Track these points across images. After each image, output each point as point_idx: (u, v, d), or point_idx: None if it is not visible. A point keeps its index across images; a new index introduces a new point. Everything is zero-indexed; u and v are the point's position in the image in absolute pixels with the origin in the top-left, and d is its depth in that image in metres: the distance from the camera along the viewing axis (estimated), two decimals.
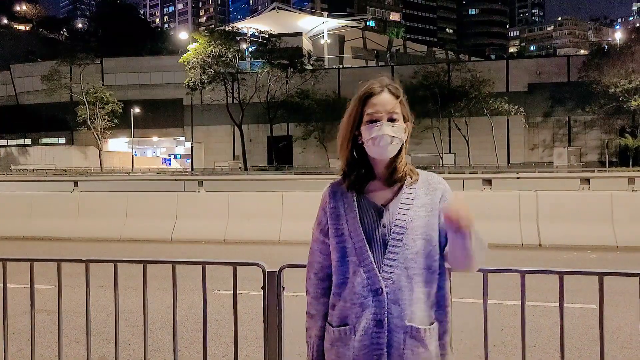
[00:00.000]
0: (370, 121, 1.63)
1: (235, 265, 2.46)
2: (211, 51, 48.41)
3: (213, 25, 77.89)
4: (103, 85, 55.41)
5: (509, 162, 49.14)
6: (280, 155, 52.42)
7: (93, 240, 10.30)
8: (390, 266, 1.58)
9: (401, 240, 1.58)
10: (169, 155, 69.97)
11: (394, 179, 1.64)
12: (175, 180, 16.18)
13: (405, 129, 1.65)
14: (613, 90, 42.44)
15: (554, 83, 49.65)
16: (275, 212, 10.08)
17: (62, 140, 61.88)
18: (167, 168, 61.39)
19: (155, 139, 64.04)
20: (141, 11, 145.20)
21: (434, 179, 1.68)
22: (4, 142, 63.40)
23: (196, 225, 10.24)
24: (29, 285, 2.92)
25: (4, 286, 2.88)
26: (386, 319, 1.56)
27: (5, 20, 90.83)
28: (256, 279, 2.78)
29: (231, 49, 49.34)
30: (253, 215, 10.17)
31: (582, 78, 45.04)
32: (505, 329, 4.65)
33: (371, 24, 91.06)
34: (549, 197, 9.17)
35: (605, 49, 48.75)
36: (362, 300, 1.59)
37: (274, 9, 73.71)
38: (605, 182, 11.25)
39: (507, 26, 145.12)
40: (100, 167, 52.39)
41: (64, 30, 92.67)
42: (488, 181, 9.70)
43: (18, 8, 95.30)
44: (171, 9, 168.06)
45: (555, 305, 5.32)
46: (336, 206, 1.67)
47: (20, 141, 63.40)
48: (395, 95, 1.65)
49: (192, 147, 57.09)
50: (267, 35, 58.04)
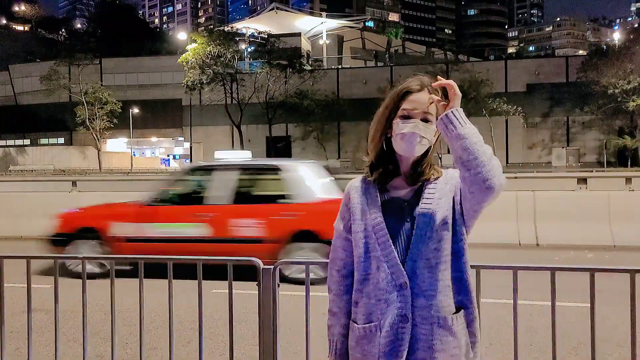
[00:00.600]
0: (404, 116, 1.63)
1: (230, 262, 2.48)
2: (210, 51, 48.43)
3: (212, 26, 77.87)
4: (102, 85, 55.40)
5: (507, 163, 49.20)
6: (279, 156, 52.45)
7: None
8: (414, 260, 1.58)
9: (425, 234, 1.59)
10: (168, 155, 69.91)
11: (418, 180, 1.65)
12: None
13: (436, 133, 1.65)
14: (612, 90, 42.51)
15: (553, 83, 49.75)
16: None
17: (61, 140, 61.87)
18: (166, 168, 61.37)
19: (154, 139, 64.05)
20: (140, 11, 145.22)
21: (450, 171, 1.70)
22: (2, 143, 63.35)
23: None
24: (26, 283, 2.93)
25: (1, 284, 2.89)
26: (411, 313, 1.57)
27: (4, 21, 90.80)
28: (254, 278, 2.80)
29: (230, 50, 49.37)
30: None
31: (581, 78, 45.12)
32: (502, 328, 4.67)
33: (370, 24, 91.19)
34: (546, 197, 9.20)
35: (604, 50, 48.86)
36: (387, 296, 1.59)
37: (272, 9, 73.82)
38: (603, 182, 11.28)
39: (506, 27, 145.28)
40: (99, 168, 52.36)
41: (63, 30, 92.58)
42: None
43: (17, 8, 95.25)
44: (170, 9, 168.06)
45: (549, 304, 5.34)
46: (360, 202, 1.68)
47: (19, 141, 63.37)
48: (433, 93, 1.66)
49: (191, 148, 57.08)
50: (266, 36, 58.13)
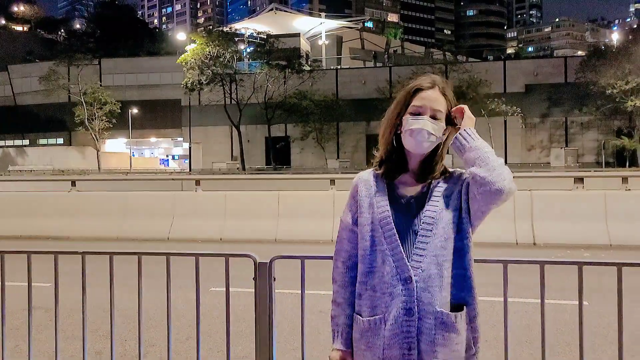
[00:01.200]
0: (414, 113, 1.67)
1: (227, 256, 2.52)
2: (209, 52, 48.44)
3: (211, 26, 77.84)
4: (101, 85, 55.39)
5: (506, 163, 48.66)
6: (278, 156, 52.49)
7: (90, 239, 10.33)
8: (420, 255, 1.61)
9: (431, 230, 1.62)
10: (167, 156, 69.99)
11: (426, 178, 1.68)
12: (173, 180, 16.24)
13: (448, 130, 1.70)
14: (610, 91, 42.56)
15: (551, 84, 49.77)
16: (271, 212, 10.14)
17: (60, 140, 61.85)
18: (165, 169, 61.40)
19: (153, 139, 64.06)
20: (139, 12, 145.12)
21: (458, 170, 1.74)
22: (1, 143, 63.35)
23: (193, 225, 10.29)
24: (27, 281, 2.97)
25: (2, 280, 2.92)
26: (416, 307, 1.59)
27: (2, 21, 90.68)
28: (253, 276, 2.84)
29: (229, 50, 49.37)
30: (250, 215, 10.22)
31: (579, 79, 45.15)
32: (497, 325, 4.71)
33: (369, 25, 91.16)
34: (543, 196, 9.24)
35: (603, 50, 48.92)
36: (392, 290, 1.61)
37: (272, 9, 73.81)
38: (600, 182, 11.33)
39: (505, 27, 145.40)
40: (98, 168, 52.35)
41: (62, 30, 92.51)
42: None
43: (16, 9, 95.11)
44: (169, 9, 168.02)
45: (549, 302, 5.38)
46: (367, 195, 1.70)
47: (18, 142, 63.38)
48: (442, 92, 1.71)
49: (190, 148, 57.08)
50: (265, 36, 58.00)
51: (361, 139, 51.19)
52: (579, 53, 77.38)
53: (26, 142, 63.05)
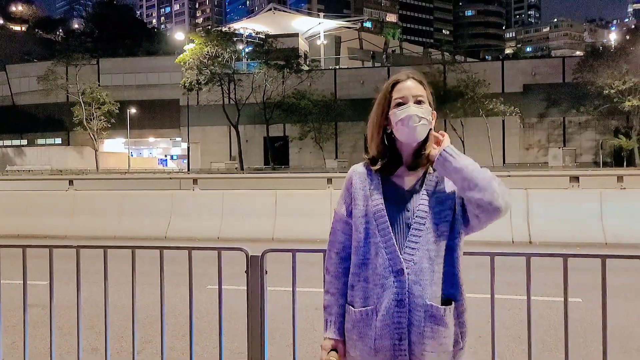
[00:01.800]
0: (398, 104, 1.71)
1: (220, 250, 2.55)
2: (208, 52, 48.46)
3: (210, 26, 77.87)
4: (99, 85, 55.36)
5: (504, 163, 49.32)
6: (276, 156, 52.50)
7: (88, 238, 10.34)
8: (413, 248, 1.64)
9: (424, 224, 1.64)
10: (165, 155, 69.97)
11: (417, 163, 1.71)
12: (171, 179, 16.24)
13: (433, 115, 1.73)
14: (607, 91, 42.67)
15: (549, 84, 49.87)
16: (269, 211, 10.17)
17: (58, 140, 61.77)
18: (164, 169, 61.37)
19: (151, 139, 64.01)
20: (138, 12, 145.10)
21: None
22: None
23: (191, 223, 10.32)
24: (22, 277, 2.99)
25: None
26: (407, 299, 1.62)
27: (0, 21, 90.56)
28: (245, 270, 2.87)
29: (228, 50, 49.40)
30: (247, 214, 10.25)
31: (577, 79, 45.26)
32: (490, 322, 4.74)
33: (368, 25, 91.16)
34: (539, 195, 9.29)
35: (600, 51, 49.02)
36: (384, 281, 1.64)
37: (270, 9, 73.80)
38: (595, 180, 11.38)
39: (503, 27, 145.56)
40: (97, 168, 52.33)
41: (60, 30, 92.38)
42: None
43: (14, 8, 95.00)
44: (168, 9, 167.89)
45: (543, 299, 5.42)
46: (362, 187, 1.72)
47: (16, 142, 63.27)
48: (420, 82, 1.75)
49: (189, 148, 57.06)
50: (264, 36, 58.07)
51: (359, 138, 51.23)
52: (577, 53, 77.51)
53: (24, 142, 62.98)
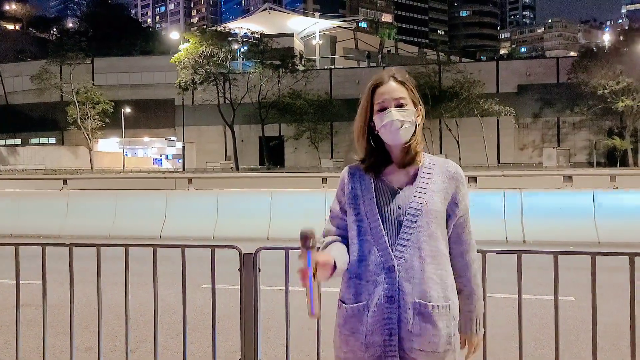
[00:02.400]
0: (380, 109, 1.71)
1: (213, 247, 2.56)
2: (203, 51, 48.35)
3: (205, 26, 77.71)
4: (94, 85, 55.11)
5: (499, 163, 49.50)
6: (272, 156, 52.45)
7: (82, 237, 10.31)
8: (404, 246, 1.65)
9: (415, 222, 1.66)
10: (160, 155, 69.74)
11: (406, 161, 1.72)
12: (165, 178, 16.22)
13: (418, 113, 1.74)
14: (601, 91, 42.89)
15: (544, 84, 50.09)
16: (264, 210, 10.17)
17: (52, 140, 61.44)
18: (159, 168, 61.20)
19: (146, 139, 63.78)
20: (132, 11, 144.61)
21: (451, 167, 1.76)
22: None
23: (185, 223, 10.31)
24: (15, 277, 2.99)
25: None
26: (397, 295, 1.63)
27: None
28: (238, 267, 2.88)
29: (223, 49, 49.30)
30: (242, 213, 10.26)
31: (571, 79, 45.48)
32: (487, 320, 4.77)
33: (363, 25, 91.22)
34: (532, 195, 9.34)
35: (594, 51, 49.27)
36: (375, 278, 1.66)
37: (265, 9, 73.72)
38: (588, 180, 11.45)
39: (498, 28, 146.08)
40: (91, 167, 52.12)
41: (54, 29, 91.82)
42: (474, 179, 9.86)
43: (7, 7, 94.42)
44: (163, 9, 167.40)
45: (536, 297, 5.46)
46: (354, 187, 1.74)
47: (9, 141, 62.87)
48: (401, 82, 1.74)
49: (184, 148, 56.94)
50: (259, 36, 58.05)
51: (354, 139, 51.27)
52: (571, 54, 77.84)
53: (18, 142, 62.59)
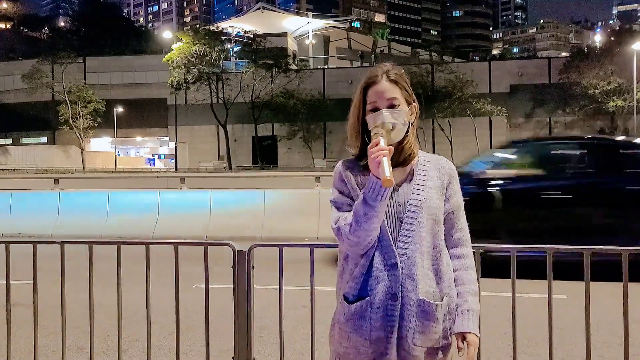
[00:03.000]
0: (372, 110, 1.70)
1: (206, 245, 2.55)
2: (195, 51, 48.24)
3: (198, 25, 77.49)
4: (85, 84, 54.80)
5: None
6: (265, 155, 52.40)
7: (74, 237, 10.23)
8: (405, 242, 1.65)
9: (415, 218, 1.66)
10: (153, 155, 69.46)
11: (400, 160, 1.71)
12: (158, 177, 16.15)
13: (411, 111, 1.72)
14: (592, 91, 43.24)
15: (535, 84, 50.43)
16: (257, 210, 10.15)
17: (44, 139, 61.05)
18: (151, 168, 60.93)
19: (138, 138, 63.53)
20: (125, 10, 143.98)
21: (445, 163, 1.77)
22: None
23: (178, 223, 10.27)
24: (5, 275, 2.96)
25: None
26: (400, 292, 1.63)
27: None
28: (232, 265, 2.86)
29: (216, 49, 49.22)
30: (235, 213, 10.23)
31: (563, 80, 45.84)
32: (481, 318, 4.79)
33: (356, 25, 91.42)
34: None
35: (586, 52, 49.67)
36: (378, 274, 1.65)
37: (259, 9, 73.64)
38: None
39: (491, 28, 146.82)
40: (83, 167, 51.83)
41: (46, 28, 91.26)
42: None
43: None
44: (155, 8, 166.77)
45: (527, 296, 5.48)
46: (356, 181, 1.72)
47: (0, 141, 62.40)
48: (394, 81, 1.71)
49: (176, 147, 56.76)
50: (252, 35, 57.95)
51: (347, 138, 51.35)
52: (563, 54, 78.41)
53: (9, 141, 62.11)
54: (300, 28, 71.88)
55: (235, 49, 57.63)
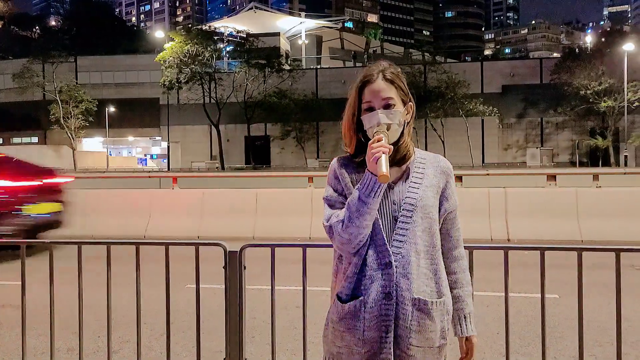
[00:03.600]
0: (368, 109, 1.68)
1: (197, 245, 2.52)
2: (188, 50, 48.05)
3: (190, 25, 77.24)
4: (77, 83, 54.44)
5: (483, 162, 49.96)
6: (257, 155, 52.31)
7: (64, 237, 10.17)
8: (400, 241, 1.63)
9: (410, 217, 1.64)
10: (145, 155, 69.12)
11: (396, 160, 1.69)
12: (150, 177, 16.06)
13: (407, 111, 1.71)
14: (584, 92, 43.51)
15: (527, 85, 50.69)
16: (249, 209, 10.12)
17: (35, 139, 60.59)
18: (143, 168, 60.64)
19: (130, 138, 63.20)
20: (117, 9, 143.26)
21: (442, 162, 1.76)
22: None
23: (170, 223, 10.21)
24: None
25: None
26: (394, 292, 1.61)
27: None
28: (223, 265, 2.84)
29: (208, 49, 49.05)
30: (227, 212, 10.19)
31: (554, 80, 46.08)
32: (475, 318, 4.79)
33: (349, 25, 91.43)
34: (517, 194, 9.41)
35: (577, 52, 49.99)
36: (372, 273, 1.63)
37: (251, 8, 73.47)
38: (572, 179, 11.59)
39: (483, 29, 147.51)
40: (74, 167, 51.47)
41: (37, 27, 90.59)
42: (459, 178, 9.92)
43: None
44: (147, 7, 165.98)
45: (520, 295, 5.50)
46: (351, 179, 1.70)
47: None
48: (390, 81, 1.69)
49: (169, 147, 56.48)
50: (245, 35, 57.83)
51: (341, 138, 50.51)
52: (554, 55, 78.90)
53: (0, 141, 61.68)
54: (293, 28, 71.82)
55: (227, 49, 57.44)
